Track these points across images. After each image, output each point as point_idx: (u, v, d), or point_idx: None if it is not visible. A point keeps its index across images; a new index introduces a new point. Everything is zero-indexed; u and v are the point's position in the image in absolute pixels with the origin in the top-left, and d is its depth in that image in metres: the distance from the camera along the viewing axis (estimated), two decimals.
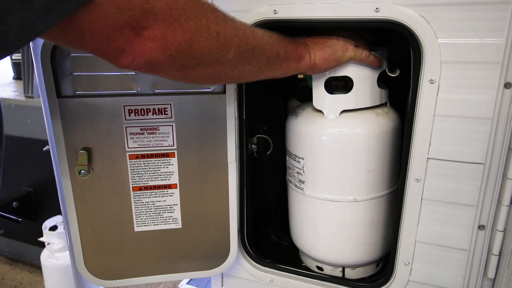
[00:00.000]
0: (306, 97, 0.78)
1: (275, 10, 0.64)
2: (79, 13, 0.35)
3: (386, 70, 0.70)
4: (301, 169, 0.73)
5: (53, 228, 1.68)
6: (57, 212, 1.72)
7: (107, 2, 0.36)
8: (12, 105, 1.81)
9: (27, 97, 1.83)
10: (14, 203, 1.82)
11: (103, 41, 0.38)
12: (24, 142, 1.80)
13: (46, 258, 1.69)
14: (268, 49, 0.55)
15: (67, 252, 1.65)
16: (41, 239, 1.68)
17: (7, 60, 2.35)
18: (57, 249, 1.66)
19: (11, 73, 2.34)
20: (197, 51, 0.44)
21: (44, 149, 1.76)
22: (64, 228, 1.64)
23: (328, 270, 0.79)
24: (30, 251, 2.10)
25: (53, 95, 0.65)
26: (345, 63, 0.65)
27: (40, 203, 1.90)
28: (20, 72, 2.01)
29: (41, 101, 0.86)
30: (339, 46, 0.63)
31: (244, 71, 0.53)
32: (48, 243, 1.68)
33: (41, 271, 1.88)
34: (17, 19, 0.32)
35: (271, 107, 0.91)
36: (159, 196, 0.73)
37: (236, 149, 0.73)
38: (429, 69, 0.59)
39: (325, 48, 0.62)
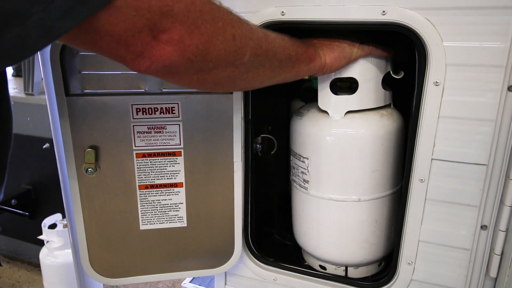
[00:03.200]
0: (310, 98, 0.79)
1: (282, 12, 0.64)
2: (97, 16, 0.35)
3: (390, 71, 0.71)
4: (305, 169, 0.74)
5: (53, 226, 1.68)
6: (57, 210, 1.72)
7: (126, 4, 0.36)
8: (12, 103, 1.80)
9: (27, 94, 1.83)
10: (13, 200, 1.81)
11: (121, 44, 0.38)
12: (24, 140, 1.79)
13: (45, 256, 1.69)
14: (281, 51, 0.55)
15: (66, 250, 1.65)
16: (40, 237, 1.68)
17: None
18: (56, 247, 1.66)
19: (10, 69, 2.33)
20: (214, 54, 0.44)
21: (44, 146, 1.76)
22: (63, 227, 1.65)
23: (331, 269, 0.80)
24: (27, 249, 2.09)
25: (61, 93, 0.65)
26: (352, 64, 0.66)
27: (39, 201, 1.90)
28: (20, 69, 2.00)
29: (47, 99, 0.87)
30: (346, 45, 0.64)
31: (257, 74, 0.53)
32: (48, 241, 1.68)
33: (38, 269, 1.88)
34: (37, 21, 0.33)
35: (275, 107, 0.92)
36: (165, 195, 0.74)
37: (241, 148, 0.74)
38: (434, 72, 0.59)
39: (333, 47, 0.63)
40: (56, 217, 1.71)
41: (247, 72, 0.51)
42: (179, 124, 0.70)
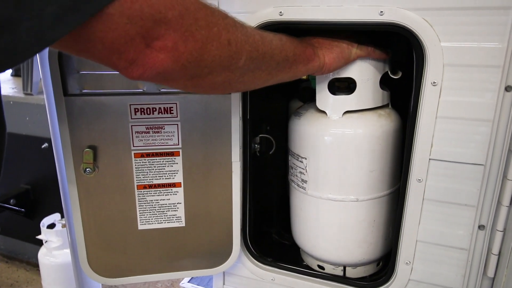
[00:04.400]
0: (308, 98, 0.79)
1: (280, 12, 0.64)
2: (90, 23, 0.35)
3: (388, 72, 0.71)
4: (303, 169, 0.74)
5: (51, 226, 1.68)
6: (55, 210, 1.72)
7: (118, 12, 0.35)
8: (11, 102, 1.80)
9: (26, 94, 1.83)
10: (11, 200, 1.81)
11: (114, 52, 0.38)
12: (22, 140, 1.79)
13: (44, 256, 1.69)
14: (278, 53, 0.55)
15: (65, 250, 1.65)
16: (39, 237, 1.68)
17: None
18: (55, 247, 1.66)
19: (9, 70, 2.33)
20: (208, 60, 0.44)
21: (43, 146, 1.75)
22: (62, 226, 1.64)
23: (329, 269, 0.80)
24: (26, 249, 2.09)
25: (60, 93, 0.65)
26: (350, 64, 0.66)
27: (38, 200, 1.90)
28: (19, 69, 2.00)
29: (46, 99, 0.87)
30: (345, 45, 0.64)
31: (254, 77, 0.53)
32: (46, 241, 1.68)
33: (37, 269, 1.88)
34: (28, 29, 0.32)
35: (274, 107, 0.92)
36: (163, 195, 0.74)
37: (240, 148, 0.74)
38: (432, 72, 0.60)
39: (332, 47, 0.63)
40: (54, 217, 1.71)
41: (243, 75, 0.51)
42: (177, 124, 0.70)
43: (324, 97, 0.70)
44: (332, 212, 0.74)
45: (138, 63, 0.39)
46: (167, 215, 0.75)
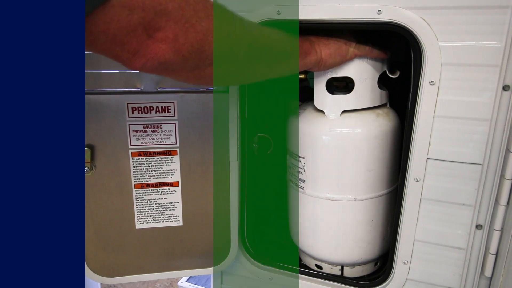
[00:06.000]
0: (306, 97, 0.79)
1: (278, 11, 0.64)
2: (92, 16, 0.36)
3: (387, 71, 0.71)
4: (301, 168, 0.74)
5: None
6: None
7: (120, 4, 0.36)
8: None
9: None
10: None
11: (117, 43, 0.39)
12: None
13: None
14: (276, 46, 0.56)
15: None
16: None
17: None
18: None
19: None
20: (209, 51, 0.45)
21: None
22: None
23: (327, 268, 0.80)
24: None
25: None
26: (348, 63, 0.66)
27: None
28: None
29: None
30: (343, 42, 0.65)
31: (253, 69, 0.54)
32: None
33: None
34: None
35: (272, 106, 0.91)
36: (160, 194, 0.74)
37: (237, 148, 0.74)
38: (430, 71, 0.60)
39: (330, 44, 0.63)
40: None
41: (243, 67, 0.52)
42: (175, 123, 0.70)
43: (322, 96, 0.70)
44: (330, 212, 0.74)
45: (141, 54, 0.40)
46: (164, 214, 0.75)
